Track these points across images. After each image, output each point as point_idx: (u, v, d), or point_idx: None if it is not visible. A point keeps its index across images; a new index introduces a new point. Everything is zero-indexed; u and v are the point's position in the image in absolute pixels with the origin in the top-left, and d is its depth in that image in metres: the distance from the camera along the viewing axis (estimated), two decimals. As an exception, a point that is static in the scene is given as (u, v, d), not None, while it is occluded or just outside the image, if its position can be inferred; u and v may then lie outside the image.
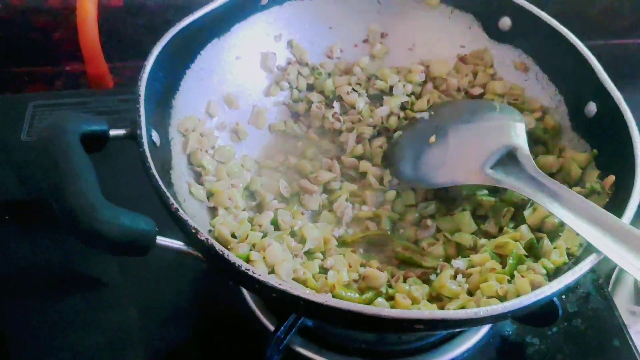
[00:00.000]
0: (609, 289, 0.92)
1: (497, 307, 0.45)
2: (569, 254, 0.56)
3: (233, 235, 0.59)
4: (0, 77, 1.04)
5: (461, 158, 0.61)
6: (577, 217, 0.52)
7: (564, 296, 0.73)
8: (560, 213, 0.53)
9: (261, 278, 0.46)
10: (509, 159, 0.59)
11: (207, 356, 0.66)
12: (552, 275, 0.54)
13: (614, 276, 0.94)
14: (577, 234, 0.54)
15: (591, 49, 0.66)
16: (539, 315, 0.65)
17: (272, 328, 0.64)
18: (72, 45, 0.96)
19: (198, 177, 0.64)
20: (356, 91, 0.74)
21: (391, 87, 0.74)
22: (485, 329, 0.68)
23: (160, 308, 0.69)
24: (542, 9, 0.70)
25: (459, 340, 0.67)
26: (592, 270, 0.75)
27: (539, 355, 0.68)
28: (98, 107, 0.86)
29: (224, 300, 0.70)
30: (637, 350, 0.69)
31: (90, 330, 0.66)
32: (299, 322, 0.63)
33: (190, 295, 0.72)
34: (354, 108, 0.73)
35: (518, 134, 0.61)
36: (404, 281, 0.58)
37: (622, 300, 0.92)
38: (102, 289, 0.71)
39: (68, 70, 1.05)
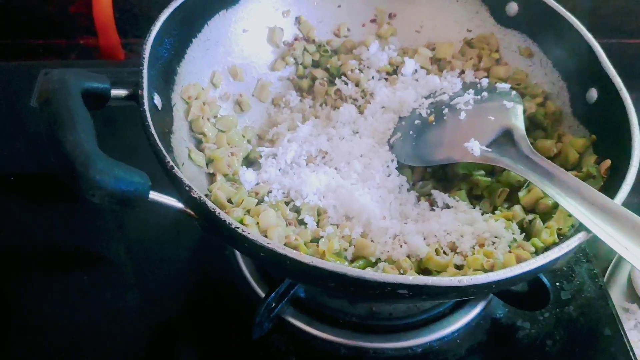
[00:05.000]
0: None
1: (481, 277, 0.46)
2: (560, 235, 0.56)
3: (229, 201, 0.60)
4: (16, 48, 1.06)
5: (458, 136, 0.61)
6: (568, 196, 0.52)
7: (558, 283, 0.73)
8: (552, 192, 0.54)
9: (250, 236, 0.47)
10: (505, 139, 0.60)
11: (199, 323, 0.67)
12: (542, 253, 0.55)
13: (608, 272, 0.93)
14: (570, 215, 0.54)
15: (604, 47, 0.65)
16: (530, 298, 0.65)
17: (263, 295, 0.65)
18: (86, 20, 0.98)
19: (198, 144, 0.65)
20: (361, 70, 0.74)
21: (396, 68, 0.75)
22: (476, 310, 0.69)
23: (158, 273, 0.71)
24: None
25: (449, 319, 0.67)
26: (588, 260, 0.75)
27: (528, 339, 0.68)
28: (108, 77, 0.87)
29: (218, 270, 0.71)
30: (628, 340, 0.69)
31: (92, 303, 0.67)
32: (291, 291, 0.64)
33: (187, 266, 0.73)
34: (358, 86, 0.73)
35: (515, 115, 0.61)
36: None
37: (615, 297, 0.92)
38: (106, 264, 0.72)
39: (82, 43, 1.07)
